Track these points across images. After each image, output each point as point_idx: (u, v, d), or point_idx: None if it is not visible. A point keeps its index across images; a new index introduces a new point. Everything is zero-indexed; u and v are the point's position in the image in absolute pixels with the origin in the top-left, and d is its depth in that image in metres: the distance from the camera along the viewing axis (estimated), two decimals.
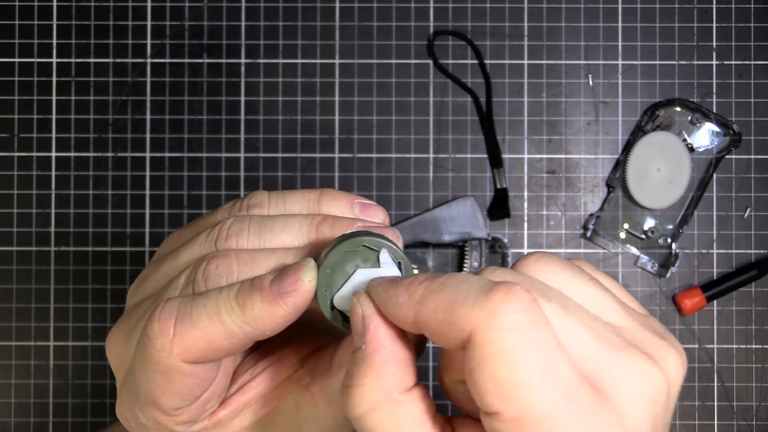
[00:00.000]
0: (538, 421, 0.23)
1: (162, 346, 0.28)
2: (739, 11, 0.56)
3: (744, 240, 0.56)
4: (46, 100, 0.56)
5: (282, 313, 0.28)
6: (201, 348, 0.28)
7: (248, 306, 0.28)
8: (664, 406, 0.26)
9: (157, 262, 0.32)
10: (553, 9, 0.57)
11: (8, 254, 0.56)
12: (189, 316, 0.28)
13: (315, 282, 0.27)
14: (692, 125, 0.56)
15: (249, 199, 0.32)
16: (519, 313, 0.23)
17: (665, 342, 0.27)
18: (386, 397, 0.26)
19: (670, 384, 0.26)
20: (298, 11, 0.57)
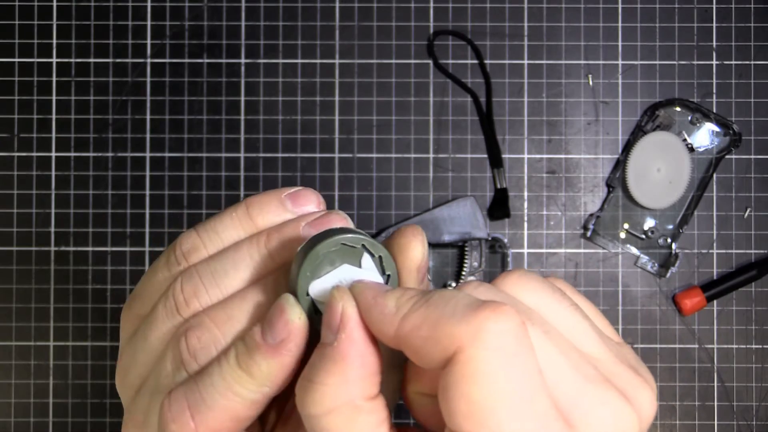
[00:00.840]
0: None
1: (181, 423, 0.26)
2: (739, 11, 0.56)
3: (744, 240, 0.56)
4: (46, 100, 0.56)
5: (289, 360, 0.26)
6: (228, 426, 0.27)
7: (254, 369, 0.26)
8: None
9: (129, 346, 0.29)
10: (553, 9, 0.57)
11: (8, 254, 0.56)
12: (202, 402, 0.26)
13: (304, 315, 0.26)
14: (692, 125, 0.56)
15: (180, 246, 0.29)
16: (506, 335, 0.22)
17: (639, 378, 0.26)
18: (348, 402, 0.25)
19: (642, 422, 0.25)
20: (298, 11, 0.57)
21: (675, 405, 0.55)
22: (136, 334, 0.29)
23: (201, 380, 0.26)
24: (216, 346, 0.27)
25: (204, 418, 0.26)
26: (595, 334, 0.27)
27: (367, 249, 0.26)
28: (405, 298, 0.24)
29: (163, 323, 0.28)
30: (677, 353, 0.56)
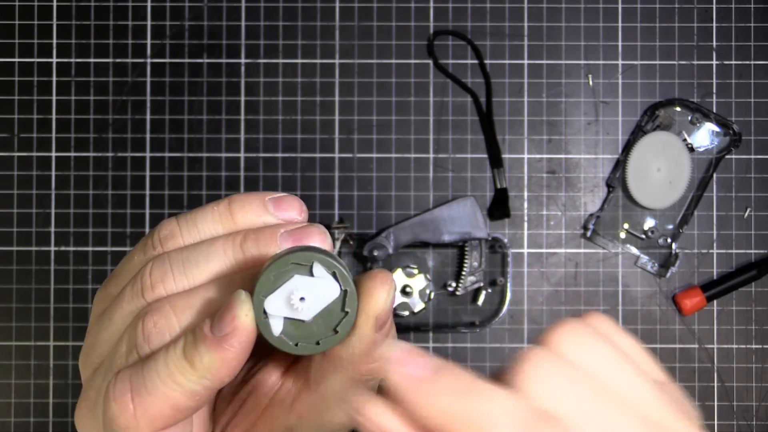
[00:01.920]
0: None
1: (127, 424, 0.27)
2: (739, 11, 0.56)
3: (744, 240, 0.56)
4: (46, 100, 0.56)
5: (232, 355, 0.26)
6: (167, 414, 0.27)
7: (197, 360, 0.26)
8: None
9: (96, 325, 0.30)
10: (553, 9, 0.57)
11: (8, 254, 0.56)
12: (144, 387, 0.26)
13: (252, 313, 0.25)
14: (692, 125, 0.56)
15: (158, 232, 0.29)
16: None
17: (695, 425, 0.25)
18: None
19: None
20: (298, 11, 0.57)
21: None
22: (103, 313, 0.29)
23: (147, 365, 0.26)
24: (170, 333, 0.27)
25: (143, 402, 0.26)
26: (648, 384, 0.25)
27: (336, 278, 0.26)
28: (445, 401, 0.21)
29: (127, 304, 0.28)
30: (677, 353, 0.56)
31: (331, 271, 0.26)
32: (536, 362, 0.22)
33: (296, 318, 0.26)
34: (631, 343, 0.26)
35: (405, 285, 0.55)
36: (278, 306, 0.26)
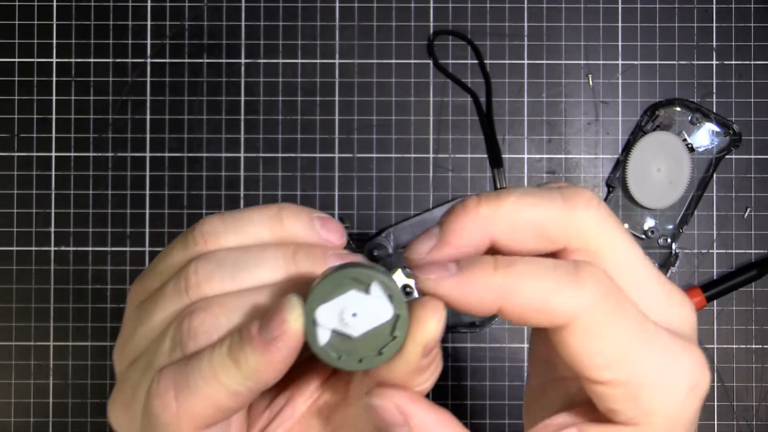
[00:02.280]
0: (648, 376, 0.26)
1: (169, 422, 0.27)
2: (739, 11, 0.56)
3: (744, 240, 0.56)
4: (46, 100, 0.56)
5: (277, 359, 0.26)
6: (209, 414, 0.27)
7: (242, 361, 0.26)
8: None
9: (133, 319, 0.30)
10: (553, 9, 0.57)
11: (8, 254, 0.56)
12: (187, 385, 0.27)
13: (302, 319, 0.25)
14: (692, 125, 0.56)
15: (201, 227, 0.29)
16: (607, 296, 0.26)
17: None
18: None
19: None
20: (298, 11, 0.57)
21: None
22: (141, 307, 0.29)
23: (191, 363, 0.26)
24: (217, 332, 0.27)
25: (186, 401, 0.26)
26: (646, 258, 0.30)
27: (392, 301, 0.26)
28: (490, 274, 0.26)
29: (170, 301, 0.28)
30: None
31: (388, 293, 0.26)
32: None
33: (344, 332, 0.26)
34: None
35: (405, 285, 0.55)
36: (329, 317, 0.26)
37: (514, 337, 0.56)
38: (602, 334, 0.26)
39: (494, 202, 0.27)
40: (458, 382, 0.56)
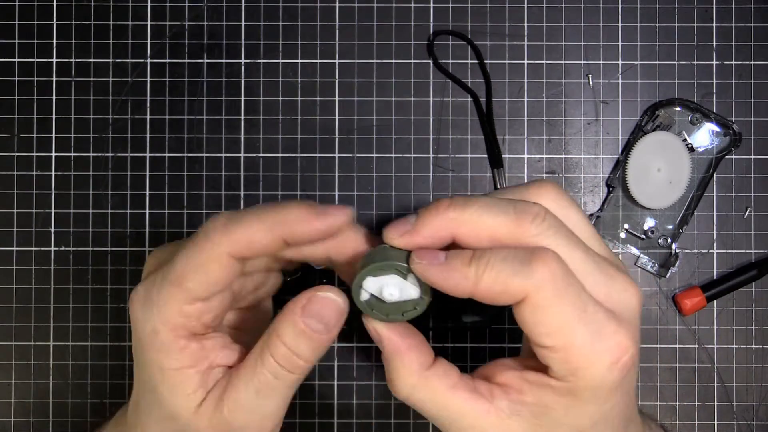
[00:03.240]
0: (579, 347, 0.33)
1: (213, 237, 0.36)
2: (739, 11, 0.56)
3: (744, 240, 0.56)
4: (46, 100, 0.56)
5: (318, 226, 0.36)
6: (243, 244, 0.36)
7: (284, 211, 0.36)
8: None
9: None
10: (553, 9, 0.57)
11: (8, 254, 0.56)
12: (237, 219, 0.36)
13: (352, 222, 0.38)
14: (692, 125, 0.56)
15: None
16: (556, 277, 0.33)
17: (623, 268, 0.37)
18: (417, 378, 0.37)
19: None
20: (298, 11, 0.57)
21: (675, 405, 0.55)
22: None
23: (244, 209, 0.38)
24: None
25: (233, 227, 0.37)
26: (597, 234, 0.38)
27: (420, 287, 0.37)
28: (466, 266, 0.34)
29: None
30: (677, 353, 0.56)
31: (420, 283, 0.36)
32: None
33: (381, 298, 0.37)
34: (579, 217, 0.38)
35: None
36: (372, 286, 0.37)
37: (514, 337, 0.56)
38: (547, 310, 0.33)
39: (460, 208, 0.35)
40: None
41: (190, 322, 0.38)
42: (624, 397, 0.36)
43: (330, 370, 0.56)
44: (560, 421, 0.35)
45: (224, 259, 0.37)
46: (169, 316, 0.37)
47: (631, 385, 0.37)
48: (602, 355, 0.34)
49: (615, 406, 0.36)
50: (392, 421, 0.56)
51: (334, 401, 0.56)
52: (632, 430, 0.39)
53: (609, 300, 0.35)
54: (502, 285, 0.34)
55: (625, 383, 0.35)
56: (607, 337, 0.34)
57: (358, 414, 0.56)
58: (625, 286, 0.36)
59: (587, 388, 0.34)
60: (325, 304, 0.37)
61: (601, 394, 0.35)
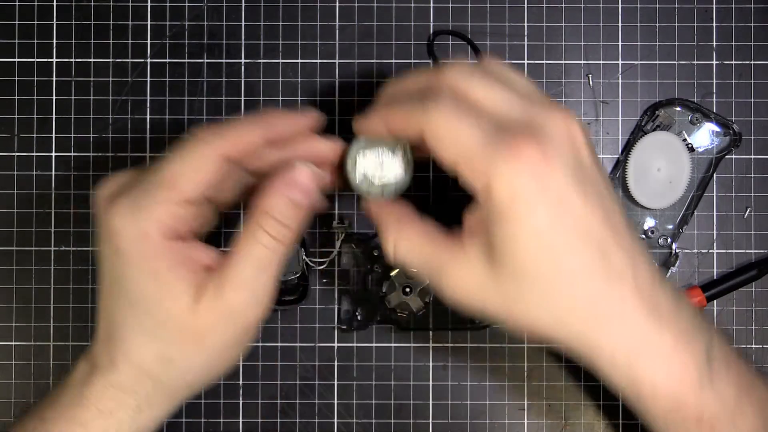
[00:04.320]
0: (474, 159, 0.37)
1: (206, 138, 0.41)
2: (739, 11, 0.56)
3: (744, 240, 0.56)
4: (46, 100, 0.56)
5: (301, 121, 0.45)
6: (234, 143, 0.41)
7: (267, 114, 0.43)
8: (584, 144, 0.39)
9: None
10: (553, 9, 0.57)
11: (8, 254, 0.56)
12: (226, 124, 0.41)
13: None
14: (692, 125, 0.56)
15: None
16: (446, 112, 0.38)
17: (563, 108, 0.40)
18: (398, 234, 0.42)
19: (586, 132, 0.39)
20: (298, 11, 0.57)
21: None
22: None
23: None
24: None
25: (223, 131, 0.43)
26: (533, 87, 0.41)
27: (404, 160, 0.44)
28: (389, 112, 0.42)
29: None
30: None
31: (402, 161, 0.44)
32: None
33: (370, 178, 0.45)
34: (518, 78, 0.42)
35: (405, 285, 0.55)
36: (362, 167, 0.45)
37: (514, 338, 0.56)
38: (439, 136, 0.38)
39: (392, 84, 0.44)
40: (458, 381, 0.56)
41: (179, 224, 0.41)
42: (568, 214, 0.37)
43: (330, 370, 0.56)
44: (503, 249, 0.37)
45: (216, 159, 0.41)
46: (161, 218, 0.40)
47: (578, 201, 0.37)
48: (497, 151, 0.37)
49: (553, 223, 0.36)
50: (392, 421, 0.56)
51: (335, 401, 0.56)
52: (617, 260, 0.37)
53: (525, 118, 0.38)
54: (404, 122, 0.41)
55: (555, 195, 0.36)
56: (505, 136, 0.37)
57: (358, 414, 0.56)
58: (548, 114, 0.38)
59: (502, 201, 0.36)
60: (305, 175, 0.42)
61: (520, 207, 0.36)
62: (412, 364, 0.56)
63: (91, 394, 0.43)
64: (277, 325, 0.56)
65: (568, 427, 0.56)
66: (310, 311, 0.56)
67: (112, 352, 0.43)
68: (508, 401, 0.56)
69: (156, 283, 0.41)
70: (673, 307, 0.39)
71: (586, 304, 0.37)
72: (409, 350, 0.56)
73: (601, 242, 0.37)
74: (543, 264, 0.37)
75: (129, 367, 0.42)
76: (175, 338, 0.42)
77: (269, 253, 0.41)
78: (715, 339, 0.41)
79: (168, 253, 0.41)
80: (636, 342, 0.38)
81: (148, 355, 0.42)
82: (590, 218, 0.37)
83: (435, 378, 0.56)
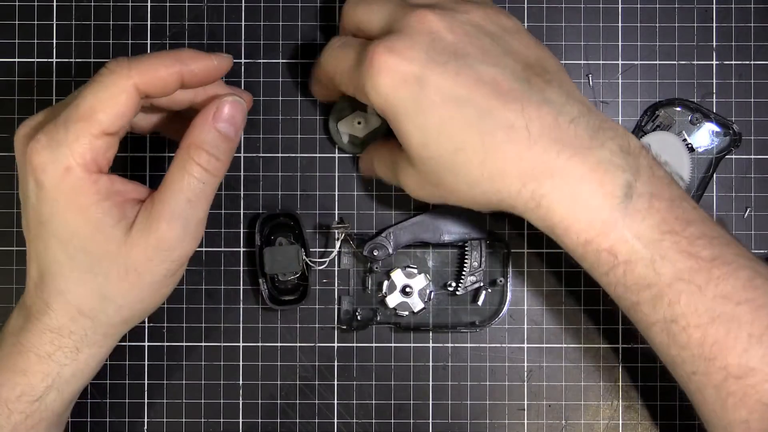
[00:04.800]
0: (349, 76, 0.44)
1: (120, 71, 0.41)
2: (739, 11, 0.56)
3: (744, 240, 0.56)
4: (46, 100, 0.56)
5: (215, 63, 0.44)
6: (149, 77, 0.41)
7: (182, 51, 0.43)
8: (444, 27, 0.41)
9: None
10: (553, 9, 0.57)
11: (8, 254, 0.56)
12: (141, 57, 0.42)
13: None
14: (692, 125, 0.56)
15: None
16: (326, 53, 0.47)
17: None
18: (373, 153, 0.52)
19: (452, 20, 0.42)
20: (298, 11, 0.57)
21: (675, 405, 0.55)
22: None
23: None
24: None
25: (139, 63, 0.42)
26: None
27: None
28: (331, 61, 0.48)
29: None
30: None
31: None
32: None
33: (354, 134, 0.54)
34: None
35: (405, 285, 0.55)
36: (346, 125, 0.54)
37: (514, 337, 0.56)
38: (332, 70, 0.46)
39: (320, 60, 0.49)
40: (458, 381, 0.56)
41: (99, 157, 0.41)
42: (432, 92, 0.40)
43: (330, 370, 0.56)
44: (409, 152, 0.43)
45: (132, 91, 0.40)
46: (81, 151, 0.40)
47: (436, 75, 0.40)
48: (360, 71, 0.41)
49: (424, 108, 0.40)
50: (392, 421, 0.56)
51: (334, 401, 0.56)
52: (501, 113, 0.40)
53: (386, 30, 0.42)
54: (325, 76, 0.48)
55: (414, 83, 0.40)
56: (363, 56, 0.42)
57: (358, 414, 0.56)
58: (406, 17, 0.42)
59: (383, 112, 0.42)
60: (234, 106, 0.43)
61: (397, 111, 0.41)
62: (412, 364, 0.56)
63: (27, 341, 0.43)
64: (277, 325, 0.56)
65: (568, 428, 0.56)
66: (310, 311, 0.56)
67: (45, 294, 0.43)
68: (508, 401, 0.56)
69: (85, 219, 0.41)
70: (587, 139, 0.40)
71: (479, 162, 0.40)
72: (409, 350, 0.56)
73: (473, 101, 0.40)
74: (432, 147, 0.41)
75: (64, 307, 0.42)
76: (110, 274, 0.42)
77: (202, 186, 0.42)
78: (644, 176, 0.40)
79: (93, 187, 0.41)
80: (536, 183, 0.40)
81: (84, 293, 0.42)
82: (451, 84, 0.40)
83: (435, 378, 0.56)
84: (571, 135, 0.40)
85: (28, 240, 0.44)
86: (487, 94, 0.40)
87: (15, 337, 0.44)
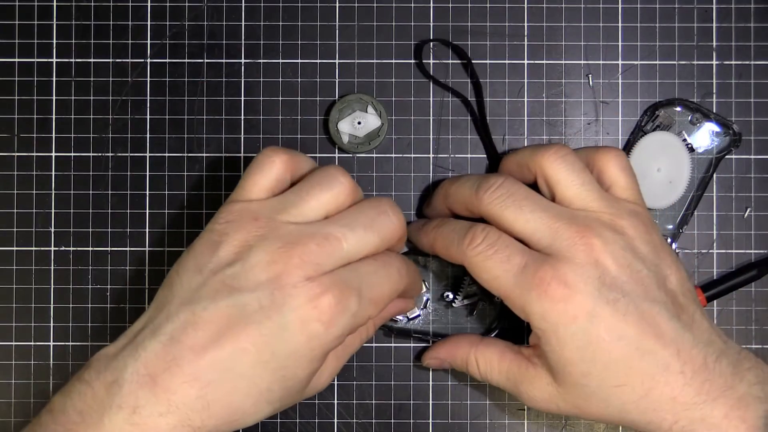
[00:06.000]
0: (508, 289, 0.44)
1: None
2: (739, 11, 0.56)
3: (744, 240, 0.56)
4: (46, 100, 0.56)
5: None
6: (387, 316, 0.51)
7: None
8: (609, 254, 0.43)
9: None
10: (553, 9, 0.57)
11: (8, 254, 0.56)
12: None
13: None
14: (692, 125, 0.56)
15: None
16: (481, 248, 0.44)
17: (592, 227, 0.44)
18: (477, 354, 0.51)
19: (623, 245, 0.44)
20: (298, 11, 0.57)
21: None
22: None
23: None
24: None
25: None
26: (593, 188, 0.47)
27: (380, 116, 0.54)
28: (428, 232, 0.50)
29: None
30: None
31: (378, 111, 0.54)
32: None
33: (355, 135, 0.54)
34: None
35: None
36: (346, 125, 0.54)
37: (514, 338, 0.56)
38: (480, 268, 0.44)
39: (448, 184, 0.50)
40: (458, 381, 0.56)
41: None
42: (600, 328, 0.42)
43: None
44: (560, 370, 0.44)
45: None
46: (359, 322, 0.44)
47: (606, 313, 0.42)
48: (526, 291, 0.42)
49: (590, 342, 0.42)
50: (392, 422, 0.56)
51: (335, 401, 0.56)
52: (660, 354, 0.42)
53: (551, 249, 0.43)
54: (446, 251, 0.47)
55: (584, 317, 0.42)
56: (530, 276, 0.42)
57: (358, 414, 0.56)
58: (571, 239, 0.43)
59: (543, 333, 0.43)
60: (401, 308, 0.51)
61: (559, 337, 0.42)
62: (412, 364, 0.56)
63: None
64: None
65: (568, 428, 0.56)
66: None
67: (207, 419, 0.40)
68: (508, 401, 0.56)
69: (310, 367, 0.43)
70: (730, 377, 0.42)
71: (637, 398, 0.42)
72: (409, 350, 0.56)
73: (638, 342, 0.42)
74: (593, 378, 0.42)
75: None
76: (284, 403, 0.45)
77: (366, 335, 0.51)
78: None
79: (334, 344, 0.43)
80: (687, 421, 0.42)
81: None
82: (621, 324, 0.42)
83: (435, 378, 0.56)
84: (717, 374, 0.42)
85: (234, 348, 0.40)
86: (650, 335, 0.42)
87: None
